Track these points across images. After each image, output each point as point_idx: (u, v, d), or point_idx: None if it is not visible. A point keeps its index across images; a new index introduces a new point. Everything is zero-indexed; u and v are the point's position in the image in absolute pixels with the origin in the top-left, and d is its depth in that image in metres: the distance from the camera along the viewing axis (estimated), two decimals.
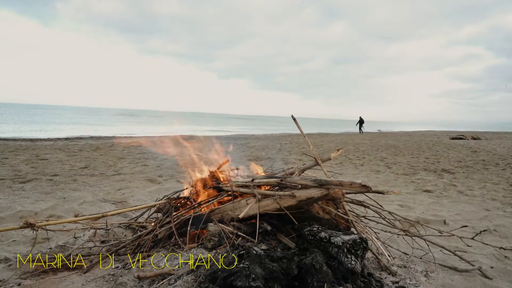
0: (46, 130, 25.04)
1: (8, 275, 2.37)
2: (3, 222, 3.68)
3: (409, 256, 2.79)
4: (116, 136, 20.17)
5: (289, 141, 19.34)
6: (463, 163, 10.20)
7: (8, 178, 6.25)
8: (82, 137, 18.98)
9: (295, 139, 21.27)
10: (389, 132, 38.14)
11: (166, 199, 2.91)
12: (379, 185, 6.65)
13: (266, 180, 2.66)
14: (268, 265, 1.84)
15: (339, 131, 34.45)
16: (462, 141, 20.92)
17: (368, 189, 2.28)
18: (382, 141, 20.28)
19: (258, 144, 16.65)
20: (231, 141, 18.37)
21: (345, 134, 30.74)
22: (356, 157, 11.55)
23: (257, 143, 17.38)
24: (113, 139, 18.07)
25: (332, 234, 2.18)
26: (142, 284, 2.12)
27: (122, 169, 7.83)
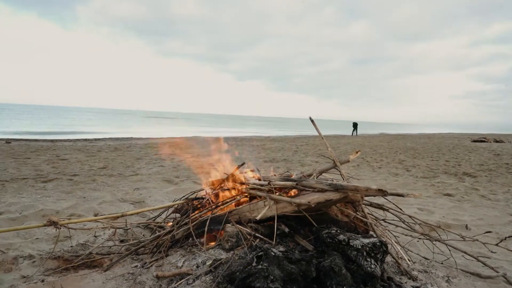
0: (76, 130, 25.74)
1: (32, 271, 2.44)
2: (26, 220, 3.78)
3: (429, 261, 2.72)
4: (151, 138, 20.48)
5: (305, 142, 19.23)
6: (485, 166, 9.92)
7: (31, 178, 6.43)
8: (101, 138, 19.37)
9: (311, 141, 21.15)
10: (407, 134, 37.46)
11: (184, 199, 2.94)
12: (397, 188, 6.53)
13: (282, 183, 2.65)
14: (287, 267, 1.82)
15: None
16: (484, 144, 20.36)
17: (384, 193, 2.24)
18: (401, 144, 19.95)
19: (274, 145, 16.62)
20: (247, 142, 18.41)
21: (362, 136, 30.36)
22: (374, 160, 11.39)
23: (272, 144, 17.35)
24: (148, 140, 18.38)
25: (351, 237, 2.15)
26: (161, 284, 2.15)
27: (139, 170, 7.94)
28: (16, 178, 6.36)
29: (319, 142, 19.55)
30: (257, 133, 33.65)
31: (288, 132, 38.60)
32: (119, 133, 25.19)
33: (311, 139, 22.66)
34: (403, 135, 36.45)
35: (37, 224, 2.39)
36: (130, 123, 46.99)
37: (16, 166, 7.79)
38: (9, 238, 3.17)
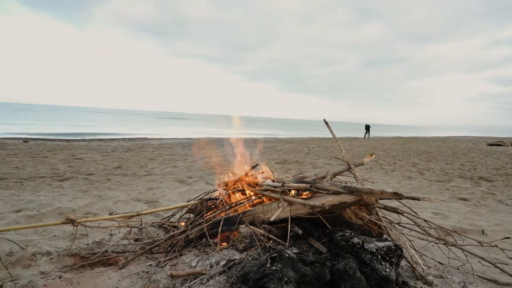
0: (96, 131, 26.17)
1: (49, 268, 2.49)
2: (44, 217, 3.87)
3: (445, 266, 2.69)
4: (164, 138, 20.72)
5: (316, 144, 19.15)
6: (502, 170, 9.71)
7: (48, 176, 6.57)
8: (115, 138, 19.65)
9: (323, 143, 21.05)
10: (421, 137, 36.93)
11: (198, 200, 2.96)
12: (411, 192, 6.45)
13: (296, 185, 2.65)
14: (301, 268, 1.83)
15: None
16: (501, 147, 19.93)
17: (400, 196, 2.23)
18: (414, 146, 19.68)
19: (286, 147, 16.59)
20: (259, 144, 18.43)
21: (374, 139, 30.07)
22: (387, 163, 11.27)
23: (284, 146, 17.33)
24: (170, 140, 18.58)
25: (365, 240, 2.13)
26: (175, 283, 2.17)
27: (153, 170, 8.04)
28: (34, 176, 6.51)
29: (331, 144, 19.45)
30: (268, 135, 33.66)
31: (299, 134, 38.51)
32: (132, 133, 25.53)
33: (323, 141, 22.56)
34: (417, 138, 35.95)
35: (55, 222, 2.44)
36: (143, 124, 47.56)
37: (33, 165, 7.97)
38: (28, 235, 3.24)
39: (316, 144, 19.34)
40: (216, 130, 35.39)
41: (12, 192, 5.11)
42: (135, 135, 24.05)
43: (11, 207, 4.31)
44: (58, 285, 2.17)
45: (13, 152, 10.15)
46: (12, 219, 3.71)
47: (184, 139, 20.47)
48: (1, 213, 4.01)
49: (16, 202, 4.53)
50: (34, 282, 2.15)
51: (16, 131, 22.18)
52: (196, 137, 23.57)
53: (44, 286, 2.11)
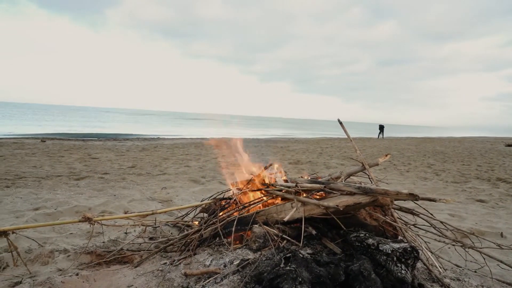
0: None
1: (67, 265, 2.55)
2: (61, 215, 3.96)
3: (462, 269, 2.63)
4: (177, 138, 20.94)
5: (329, 145, 19.02)
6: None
7: (65, 175, 6.70)
8: (129, 138, 19.91)
9: (336, 143, 20.89)
10: (436, 138, 36.29)
11: (212, 199, 2.98)
12: (427, 193, 6.35)
13: (309, 185, 2.63)
14: (315, 269, 1.82)
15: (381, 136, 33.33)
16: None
17: (416, 197, 2.19)
18: (429, 147, 19.36)
19: (299, 147, 16.53)
20: (271, 144, 18.42)
21: (388, 139, 29.68)
22: (401, 163, 11.11)
23: (297, 146, 17.27)
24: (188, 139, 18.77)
25: (380, 241, 2.11)
26: (189, 281, 2.18)
27: (166, 169, 8.11)
28: (51, 175, 6.65)
29: (344, 145, 19.29)
30: (281, 135, 33.59)
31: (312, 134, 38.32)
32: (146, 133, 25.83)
33: (336, 141, 22.39)
34: (432, 138, 35.35)
35: (73, 220, 2.49)
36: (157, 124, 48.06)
37: (51, 164, 8.14)
38: (46, 232, 3.32)
39: (329, 144, 19.21)
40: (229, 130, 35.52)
41: (30, 191, 5.24)
42: (149, 135, 24.33)
43: (30, 205, 4.42)
44: (75, 282, 2.21)
45: (31, 152, 10.39)
46: (31, 217, 3.80)
47: (197, 139, 20.60)
48: (20, 211, 4.12)
49: (34, 200, 4.64)
50: (52, 279, 2.20)
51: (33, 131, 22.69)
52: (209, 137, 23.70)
53: (61, 283, 2.16)
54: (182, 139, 21.36)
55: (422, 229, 2.84)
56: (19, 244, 2.77)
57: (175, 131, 31.84)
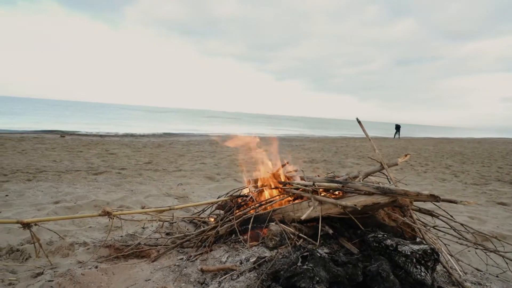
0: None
1: (86, 258, 2.60)
2: (80, 209, 4.04)
3: (483, 273, 2.57)
4: (192, 135, 21.15)
5: (345, 144, 18.84)
6: None
7: (83, 170, 6.84)
8: (145, 134, 20.18)
9: (351, 142, 20.68)
10: (454, 138, 35.52)
11: (228, 196, 2.99)
12: (445, 194, 6.22)
13: (327, 184, 2.61)
14: (333, 269, 1.80)
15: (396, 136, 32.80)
16: None
17: (436, 198, 2.15)
18: (447, 148, 18.96)
19: (313, 146, 16.44)
20: (286, 142, 18.37)
21: (405, 139, 29.20)
22: (418, 164, 10.92)
23: (312, 145, 17.17)
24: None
25: (399, 243, 2.08)
26: (205, 277, 2.20)
27: (182, 166, 8.19)
28: (70, 170, 6.80)
29: (359, 144, 19.08)
30: (296, 133, 33.44)
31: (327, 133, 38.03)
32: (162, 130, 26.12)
33: (351, 141, 22.16)
34: (450, 139, 34.60)
35: (93, 214, 2.54)
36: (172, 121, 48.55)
37: (70, 159, 8.33)
38: (66, 226, 3.40)
39: (344, 144, 19.03)
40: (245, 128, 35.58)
41: (51, 184, 5.37)
42: (164, 131, 24.60)
43: (50, 198, 4.53)
44: (94, 274, 2.25)
45: (51, 146, 10.65)
46: (51, 210, 3.90)
47: (212, 136, 20.71)
48: (41, 203, 4.22)
49: (55, 194, 4.76)
50: (73, 271, 2.25)
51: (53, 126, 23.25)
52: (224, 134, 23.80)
53: (81, 275, 2.20)
54: (197, 136, 21.53)
55: (441, 231, 2.79)
56: (40, 236, 2.84)
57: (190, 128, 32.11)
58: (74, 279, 2.14)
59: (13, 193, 4.71)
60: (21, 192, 4.78)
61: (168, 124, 37.54)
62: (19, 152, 8.98)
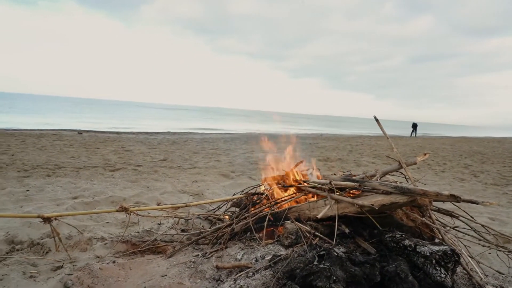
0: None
1: (104, 253, 2.64)
2: (98, 205, 4.11)
3: (505, 276, 2.50)
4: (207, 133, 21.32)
5: (360, 142, 18.63)
6: None
7: (100, 166, 6.96)
8: (160, 132, 20.39)
9: (366, 140, 20.43)
10: (473, 137, 34.69)
11: (243, 194, 2.99)
12: (464, 195, 6.07)
13: (343, 183, 2.58)
14: (350, 268, 1.78)
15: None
16: None
17: (457, 199, 2.09)
18: (465, 147, 18.54)
19: (328, 144, 16.31)
20: (300, 140, 18.28)
21: (421, 138, 28.69)
22: (436, 163, 10.70)
23: (326, 143, 17.04)
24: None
25: (418, 243, 2.04)
26: (220, 274, 2.21)
27: (197, 163, 8.24)
28: (88, 166, 6.93)
29: (375, 142, 18.83)
30: (310, 131, 33.25)
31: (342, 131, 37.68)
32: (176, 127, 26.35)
33: (366, 139, 21.89)
34: (469, 138, 33.80)
35: (111, 210, 2.58)
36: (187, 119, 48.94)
37: (87, 155, 8.48)
38: (84, 221, 3.46)
39: (359, 142, 18.82)
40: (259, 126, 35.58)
41: (69, 180, 5.48)
42: (179, 129, 24.81)
43: (69, 193, 4.62)
44: (112, 269, 2.29)
45: (69, 143, 10.87)
46: (70, 205, 3.97)
47: (226, 134, 20.79)
48: (60, 199, 4.32)
49: (73, 189, 4.86)
50: (91, 265, 2.29)
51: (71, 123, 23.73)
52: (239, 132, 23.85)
53: (99, 269, 2.24)
54: (211, 133, 21.63)
55: (461, 232, 2.72)
56: (60, 230, 2.89)
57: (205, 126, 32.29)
58: (92, 273, 2.18)
59: (33, 188, 4.82)
60: (41, 187, 4.89)
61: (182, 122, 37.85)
62: (39, 148, 9.21)
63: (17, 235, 2.88)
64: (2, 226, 3.11)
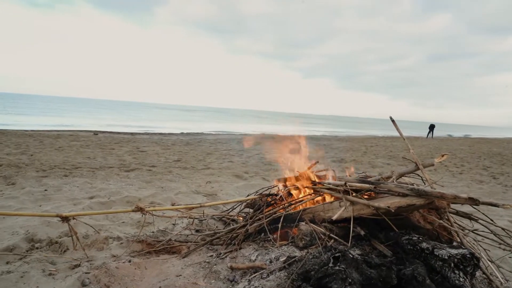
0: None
1: (120, 252, 2.68)
2: (113, 205, 4.17)
3: None
4: (220, 133, 21.42)
5: (374, 143, 18.41)
6: None
7: (116, 167, 7.07)
8: (174, 132, 20.57)
9: (381, 141, 20.17)
10: (493, 138, 33.86)
11: (258, 195, 2.99)
12: (483, 197, 5.93)
13: (359, 185, 2.55)
14: (366, 271, 1.76)
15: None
16: None
17: (476, 202, 2.04)
18: (484, 148, 18.10)
19: (342, 145, 16.17)
20: (313, 141, 18.17)
21: (438, 139, 28.16)
22: (453, 164, 10.49)
23: (340, 144, 16.90)
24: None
25: (435, 246, 2.00)
26: (235, 275, 2.21)
27: (210, 164, 8.29)
28: (103, 166, 7.05)
29: (390, 143, 18.58)
30: (323, 132, 33.02)
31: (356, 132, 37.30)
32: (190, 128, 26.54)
33: (381, 140, 21.61)
34: (488, 139, 33.02)
35: (127, 209, 2.61)
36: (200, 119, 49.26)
37: (103, 156, 8.62)
38: (100, 220, 3.52)
39: (374, 143, 18.59)
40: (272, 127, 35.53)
41: (86, 180, 5.58)
42: (192, 130, 24.99)
43: (85, 193, 4.71)
44: (128, 268, 2.32)
45: (86, 144, 11.07)
46: (87, 204, 4.05)
47: (239, 135, 20.84)
48: (77, 198, 4.40)
49: (90, 189, 4.94)
50: (107, 264, 2.33)
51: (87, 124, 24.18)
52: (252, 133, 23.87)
53: (116, 268, 2.27)
54: (224, 134, 21.71)
55: (480, 235, 2.66)
56: (77, 229, 2.95)
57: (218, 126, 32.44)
58: (109, 272, 2.21)
59: (51, 188, 4.93)
60: (58, 187, 5.00)
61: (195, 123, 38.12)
62: (56, 149, 9.41)
63: (36, 233, 2.94)
64: (22, 224, 3.19)
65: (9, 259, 2.51)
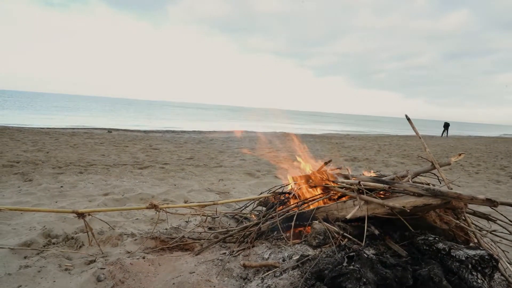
0: None
1: (134, 248, 2.71)
2: (127, 201, 4.22)
3: None
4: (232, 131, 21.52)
5: (388, 142, 18.18)
6: None
7: (129, 164, 7.15)
8: (186, 131, 20.71)
9: (395, 140, 19.91)
10: (510, 138, 33.06)
11: (271, 193, 2.98)
12: (500, 198, 5.79)
13: (373, 184, 2.52)
14: (381, 271, 1.74)
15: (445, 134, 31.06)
16: None
17: (494, 203, 2.00)
18: (502, 147, 17.70)
19: (355, 144, 16.02)
20: (326, 140, 18.05)
21: (453, 138, 27.65)
22: (469, 164, 10.28)
23: (353, 143, 16.75)
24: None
25: (452, 247, 1.96)
26: (248, 273, 2.21)
27: (222, 162, 8.31)
28: (117, 163, 7.14)
29: (404, 142, 18.32)
30: (336, 131, 32.78)
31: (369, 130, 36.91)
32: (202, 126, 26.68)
33: (395, 139, 21.34)
34: (505, 138, 32.26)
35: (141, 206, 2.64)
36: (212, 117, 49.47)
37: (117, 153, 8.74)
38: (115, 217, 3.56)
39: (387, 142, 18.36)
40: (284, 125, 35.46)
41: (100, 177, 5.66)
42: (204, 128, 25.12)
43: (100, 190, 4.78)
44: (142, 264, 2.34)
45: (100, 141, 11.24)
46: (101, 201, 4.11)
47: (251, 133, 20.84)
48: (92, 195, 4.47)
49: (104, 186, 5.01)
50: (122, 260, 2.35)
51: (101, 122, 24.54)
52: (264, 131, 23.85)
53: (130, 264, 2.30)
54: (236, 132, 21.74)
55: (499, 236, 2.60)
56: (92, 225, 3.00)
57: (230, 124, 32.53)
58: (123, 268, 2.24)
59: (67, 184, 5.02)
60: (74, 183, 5.09)
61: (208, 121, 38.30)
62: (71, 146, 9.57)
63: (53, 229, 3.00)
64: (39, 220, 3.25)
65: (27, 254, 2.57)
